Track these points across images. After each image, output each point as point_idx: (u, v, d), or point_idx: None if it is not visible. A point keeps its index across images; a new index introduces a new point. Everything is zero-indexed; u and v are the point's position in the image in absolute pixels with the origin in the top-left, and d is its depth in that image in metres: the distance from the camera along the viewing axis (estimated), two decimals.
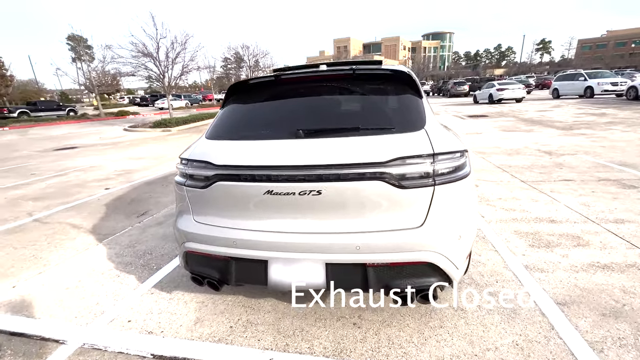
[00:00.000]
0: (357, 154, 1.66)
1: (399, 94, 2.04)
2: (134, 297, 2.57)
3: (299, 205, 1.72)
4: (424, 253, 1.65)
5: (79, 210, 4.80)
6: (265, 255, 1.79)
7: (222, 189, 1.84)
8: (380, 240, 1.66)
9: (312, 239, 1.72)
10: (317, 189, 1.66)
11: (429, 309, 2.26)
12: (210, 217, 1.93)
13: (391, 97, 2.06)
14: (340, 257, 1.70)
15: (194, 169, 1.94)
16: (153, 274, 2.90)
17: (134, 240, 3.63)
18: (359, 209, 1.68)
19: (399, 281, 1.72)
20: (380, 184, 1.63)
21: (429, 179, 1.65)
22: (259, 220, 1.82)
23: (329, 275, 1.75)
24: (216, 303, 2.44)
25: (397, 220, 1.68)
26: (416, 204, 1.67)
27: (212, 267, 1.98)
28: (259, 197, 1.76)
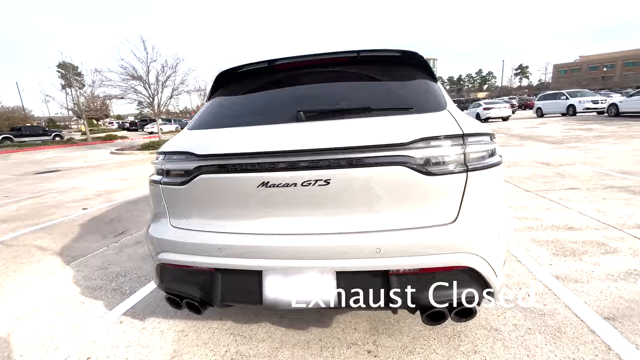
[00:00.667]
0: (372, 135, 1.37)
1: (411, 77, 1.79)
2: (98, 327, 2.12)
3: (302, 200, 1.39)
4: (459, 255, 1.32)
5: (49, 232, 4.32)
6: (259, 264, 1.43)
7: (206, 184, 1.49)
8: (405, 240, 1.32)
9: (318, 241, 1.37)
10: (325, 177, 1.34)
11: (456, 330, 1.89)
12: (191, 220, 1.57)
13: (403, 81, 1.80)
14: (355, 263, 1.35)
15: (172, 163, 1.60)
16: (125, 299, 2.46)
17: (107, 262, 3.18)
18: (377, 201, 1.36)
19: (429, 293, 1.37)
20: (402, 169, 1.32)
21: (460, 165, 1.35)
22: (250, 221, 1.47)
23: (340, 288, 1.39)
24: (199, 331, 2.02)
25: (424, 216, 1.36)
26: (446, 195, 1.36)
27: (192, 284, 1.59)
28: (252, 191, 1.42)
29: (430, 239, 1.32)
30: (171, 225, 1.61)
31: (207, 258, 1.47)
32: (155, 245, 1.61)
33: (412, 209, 1.36)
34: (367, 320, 2.03)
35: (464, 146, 1.36)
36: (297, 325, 2.01)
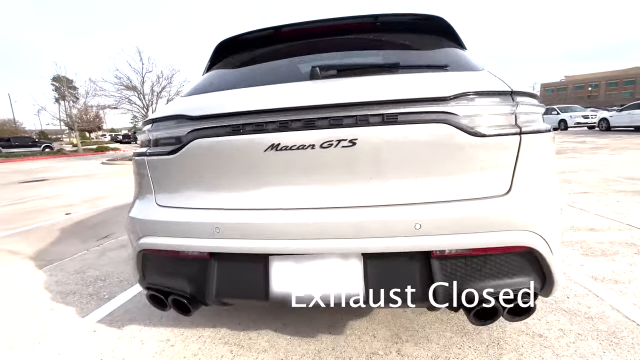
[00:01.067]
0: (407, 88, 1.13)
1: (437, 45, 1.58)
2: (66, 337, 1.78)
3: (321, 166, 1.13)
4: (516, 234, 1.06)
5: (25, 236, 3.94)
6: (264, 247, 1.15)
7: (201, 151, 1.23)
8: (450, 214, 1.07)
9: (341, 216, 1.10)
10: (350, 137, 1.09)
11: (493, 337, 1.60)
12: (181, 196, 1.29)
13: (428, 49, 1.60)
14: (388, 243, 1.07)
15: (161, 131, 1.34)
16: (102, 305, 2.12)
17: (86, 265, 2.83)
18: (415, 167, 1.11)
19: (480, 282, 1.10)
20: (444, 128, 1.08)
21: (512, 126, 1.12)
22: (255, 194, 1.20)
23: (369, 277, 1.11)
24: (187, 341, 1.69)
25: (471, 186, 1.10)
26: (497, 161, 1.11)
27: (180, 276, 1.30)
28: (257, 156, 1.16)
29: (481, 213, 1.07)
30: (157, 204, 1.33)
31: (201, 240, 1.19)
32: (136, 228, 1.32)
33: (457, 177, 1.11)
34: (386, 326, 1.73)
35: (514, 105, 1.13)
36: (304, 333, 1.70)
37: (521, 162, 1.11)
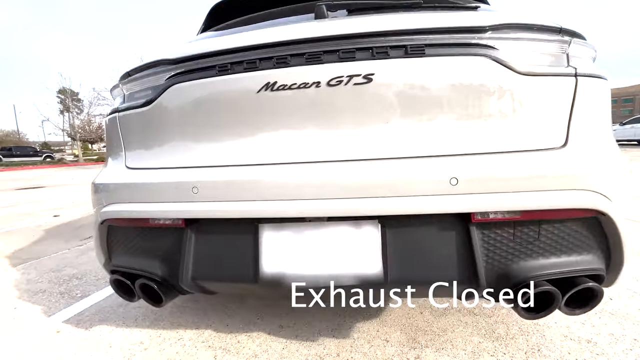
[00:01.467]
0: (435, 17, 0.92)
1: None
2: (23, 339, 1.51)
3: (327, 108, 0.91)
4: (578, 194, 0.83)
5: (6, 237, 3.68)
6: (253, 210, 0.91)
7: (180, 97, 1.01)
8: (496, 167, 0.83)
9: (352, 170, 0.87)
10: (365, 72, 0.87)
11: (531, 342, 1.33)
12: (154, 155, 1.07)
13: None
14: (415, 204, 0.83)
15: (135, 82, 1.13)
16: (72, 304, 1.85)
17: (63, 264, 2.57)
18: (448, 110, 0.88)
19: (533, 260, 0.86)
20: (483, 62, 0.86)
21: (564, 67, 0.90)
22: (242, 146, 0.97)
23: (389, 252, 0.86)
24: (164, 344, 1.42)
25: (519, 135, 0.88)
26: (548, 107, 0.89)
27: (150, 254, 1.06)
28: (249, 98, 0.94)
29: (533, 168, 0.83)
30: (127, 167, 1.10)
31: (175, 205, 0.96)
32: (100, 196, 1.08)
33: (500, 124, 0.88)
34: (400, 329, 1.46)
35: (566, 44, 0.92)
36: (304, 337, 1.43)
37: (578, 110, 0.89)
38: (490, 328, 1.44)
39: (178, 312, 1.70)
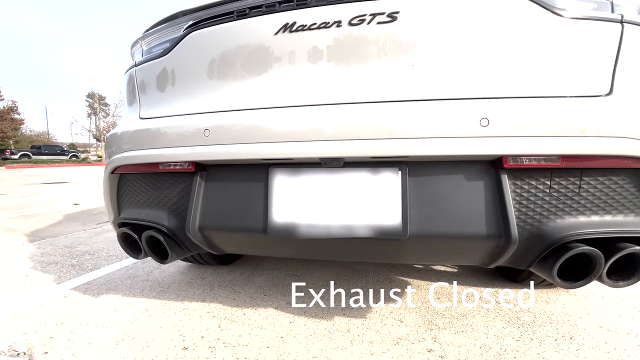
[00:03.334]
0: None
1: None
2: (30, 301, 1.51)
3: (348, 48, 0.86)
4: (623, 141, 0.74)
5: (28, 218, 3.80)
6: (264, 152, 0.86)
7: (198, 43, 0.99)
8: (531, 110, 0.76)
9: (377, 112, 0.81)
10: (390, 10, 0.82)
11: (561, 330, 1.21)
12: (168, 104, 1.05)
13: None
14: (441, 145, 0.77)
15: (154, 36, 1.12)
16: (82, 274, 1.85)
17: (77, 242, 2.60)
18: (479, 50, 0.82)
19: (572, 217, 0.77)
20: (522, 2, 0.79)
21: (610, 12, 0.83)
22: (258, 89, 0.94)
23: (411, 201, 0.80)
24: (168, 312, 1.38)
25: (559, 80, 0.80)
26: (592, 52, 0.81)
27: (159, 202, 1.03)
28: (266, 42, 0.91)
29: (572, 114, 0.75)
30: (140, 117, 1.08)
31: (186, 149, 0.92)
32: (112, 145, 1.07)
33: (538, 68, 0.80)
34: (415, 311, 1.37)
35: None
36: (312, 314, 1.36)
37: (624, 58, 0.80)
38: (515, 315, 1.33)
39: (185, 286, 1.66)
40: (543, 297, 1.50)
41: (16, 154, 25.36)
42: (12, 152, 25.19)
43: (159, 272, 1.85)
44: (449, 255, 0.96)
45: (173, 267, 1.94)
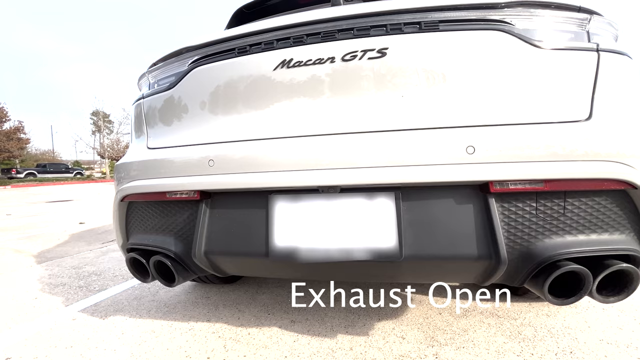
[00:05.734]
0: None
1: None
2: (40, 324, 1.54)
3: (342, 82, 0.92)
4: (604, 164, 0.78)
5: (34, 239, 3.85)
6: (266, 181, 0.91)
7: (201, 78, 1.06)
8: (514, 136, 0.81)
9: (366, 141, 0.86)
10: (379, 46, 0.89)
11: (562, 345, 1.22)
12: (174, 135, 1.11)
13: None
14: (431, 172, 0.82)
15: (160, 70, 1.19)
16: (90, 296, 1.88)
17: (84, 262, 2.64)
18: (464, 82, 0.87)
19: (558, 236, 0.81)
20: (500, 36, 0.86)
21: (586, 42, 0.89)
22: (259, 121, 1.00)
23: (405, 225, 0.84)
24: (174, 333, 1.41)
25: (539, 108, 0.85)
26: (569, 81, 0.87)
27: (166, 230, 1.07)
28: (265, 76, 0.97)
29: (554, 138, 0.80)
30: (148, 147, 1.15)
31: (191, 178, 0.98)
32: (121, 174, 1.13)
33: (519, 97, 0.86)
34: (417, 327, 1.39)
35: (586, 21, 0.91)
36: (315, 332, 1.38)
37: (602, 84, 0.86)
38: (516, 330, 1.34)
39: (191, 306, 1.69)
40: (544, 310, 1.51)
41: (22, 173, 25.69)
42: (17, 171, 25.52)
43: (164, 292, 1.88)
44: (444, 275, 1.00)
45: (179, 287, 1.97)
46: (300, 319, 1.49)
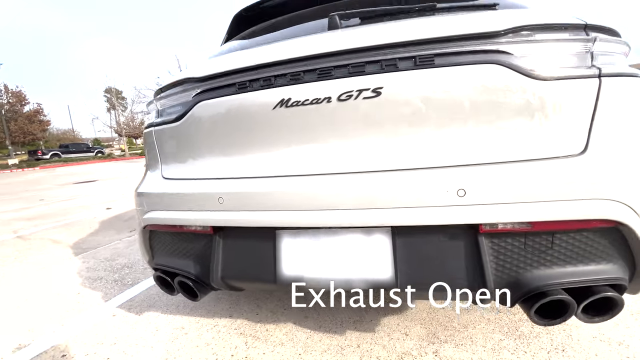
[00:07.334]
0: (445, 24, 0.92)
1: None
2: (86, 321, 1.76)
3: (338, 122, 0.95)
4: (597, 203, 0.80)
5: (68, 227, 4.17)
6: (271, 220, 0.99)
7: (205, 114, 1.11)
8: (505, 177, 0.83)
9: (363, 182, 0.91)
10: (373, 86, 0.90)
11: (556, 342, 1.31)
12: (185, 166, 1.18)
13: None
14: (423, 215, 0.87)
15: (168, 98, 1.24)
16: (124, 290, 2.10)
17: (116, 254, 2.88)
18: (456, 120, 0.89)
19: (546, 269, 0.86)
20: (496, 70, 0.85)
21: (586, 67, 0.86)
22: (261, 159, 1.05)
23: (400, 259, 0.91)
24: (201, 330, 1.59)
25: (533, 143, 0.86)
26: (566, 112, 0.86)
27: (186, 255, 1.18)
28: (266, 115, 1.01)
29: (545, 177, 0.82)
30: (163, 177, 1.23)
31: (204, 213, 1.06)
32: (142, 203, 1.23)
33: (513, 133, 0.87)
34: (420, 323, 1.50)
35: (590, 41, 0.87)
36: (326, 328, 1.52)
37: (601, 113, 0.85)
38: (514, 326, 1.44)
39: (214, 301, 1.86)
40: None
41: (47, 154, 26.90)
42: (43, 152, 26.74)
43: None
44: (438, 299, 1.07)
45: None
46: (313, 314, 1.64)
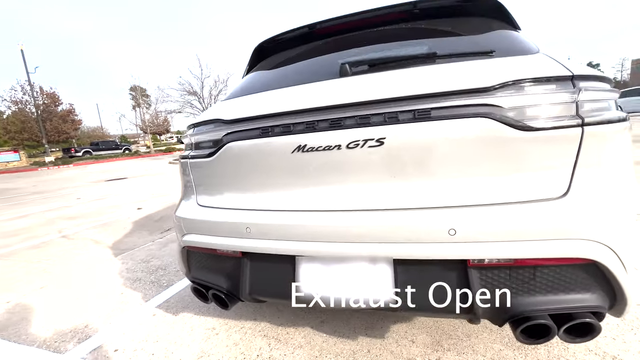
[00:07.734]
0: (441, 79, 1.04)
1: (486, 28, 1.42)
2: (131, 319, 2.02)
3: (347, 167, 1.10)
4: (575, 243, 0.92)
5: (105, 227, 4.56)
6: (291, 248, 1.16)
7: (233, 154, 1.28)
8: (491, 218, 0.96)
9: (369, 219, 1.06)
10: (377, 137, 1.04)
11: (552, 354, 1.42)
12: (218, 197, 1.37)
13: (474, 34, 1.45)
14: (420, 249, 1.01)
15: (200, 134, 1.43)
16: (161, 292, 2.35)
17: (150, 255, 3.17)
18: (449, 167, 1.02)
19: (529, 297, 0.98)
20: (486, 123, 0.97)
21: (571, 117, 0.96)
22: (283, 196, 1.22)
23: (399, 284, 1.06)
24: (230, 331, 1.80)
25: (518, 187, 0.98)
26: (550, 159, 0.97)
27: (219, 272, 1.38)
28: (285, 158, 1.17)
29: (527, 218, 0.94)
30: (198, 204, 1.42)
31: (234, 240, 1.25)
32: (181, 226, 1.43)
33: (500, 178, 0.99)
34: (426, 331, 1.64)
35: (576, 92, 0.96)
36: (340, 333, 1.69)
37: (583, 160, 0.95)
38: None
39: (239, 305, 2.07)
40: None
41: (79, 152, 28.61)
42: (76, 150, 28.46)
43: None
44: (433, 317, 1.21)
45: None
46: (329, 319, 1.81)
